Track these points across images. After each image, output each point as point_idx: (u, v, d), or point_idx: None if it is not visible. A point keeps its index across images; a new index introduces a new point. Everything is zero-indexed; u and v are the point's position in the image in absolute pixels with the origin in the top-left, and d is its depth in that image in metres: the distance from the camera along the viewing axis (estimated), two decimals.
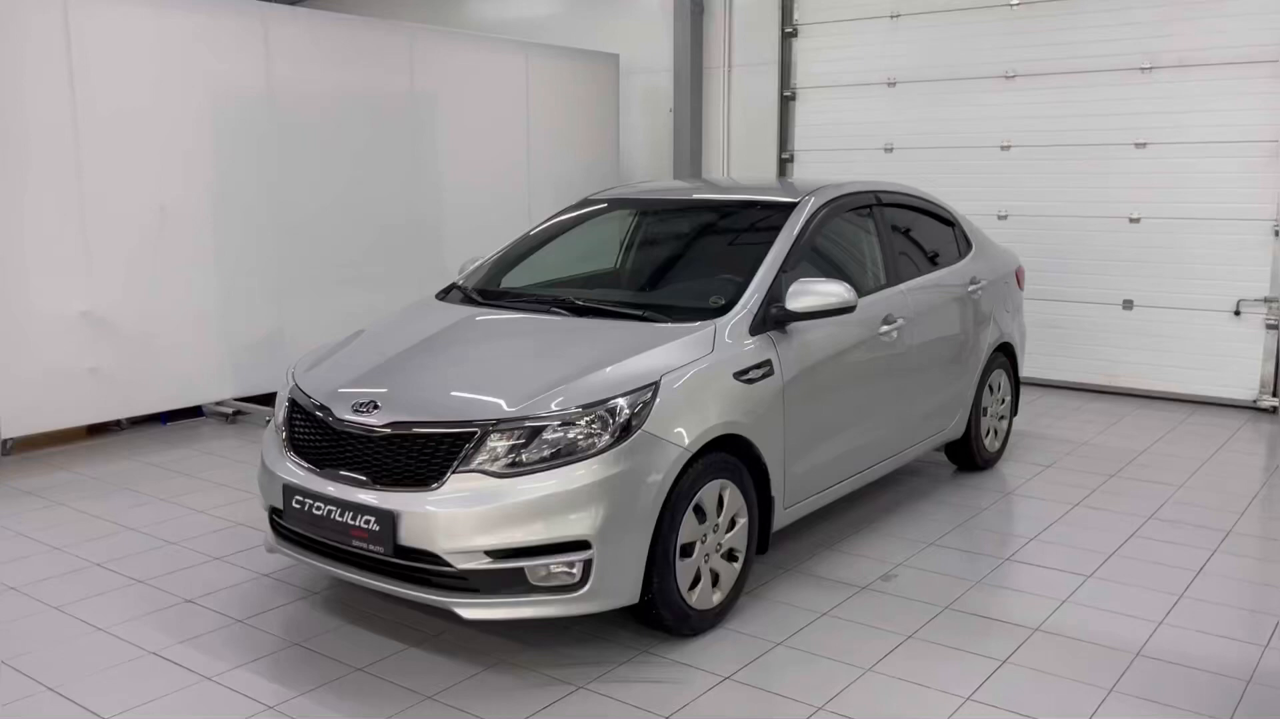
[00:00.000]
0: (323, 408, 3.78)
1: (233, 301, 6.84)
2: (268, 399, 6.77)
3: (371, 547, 3.48)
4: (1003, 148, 8.19)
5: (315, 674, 3.51)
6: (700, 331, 3.95)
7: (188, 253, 6.58)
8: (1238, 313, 7.39)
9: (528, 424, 3.47)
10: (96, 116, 6.06)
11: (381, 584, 3.56)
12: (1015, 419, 6.38)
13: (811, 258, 4.60)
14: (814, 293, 4.14)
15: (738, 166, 9.65)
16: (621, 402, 3.54)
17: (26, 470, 5.79)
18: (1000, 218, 8.22)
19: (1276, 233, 7.19)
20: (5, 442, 6.05)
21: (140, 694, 3.36)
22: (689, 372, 3.74)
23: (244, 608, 4.02)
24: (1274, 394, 7.33)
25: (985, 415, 5.78)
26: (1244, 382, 7.43)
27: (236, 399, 7.02)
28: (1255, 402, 7.39)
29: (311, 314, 7.19)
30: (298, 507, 3.67)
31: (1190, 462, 6.10)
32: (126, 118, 6.21)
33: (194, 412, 7.03)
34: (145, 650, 3.67)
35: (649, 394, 3.58)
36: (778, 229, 4.52)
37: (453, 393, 3.73)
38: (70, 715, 3.23)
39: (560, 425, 3.47)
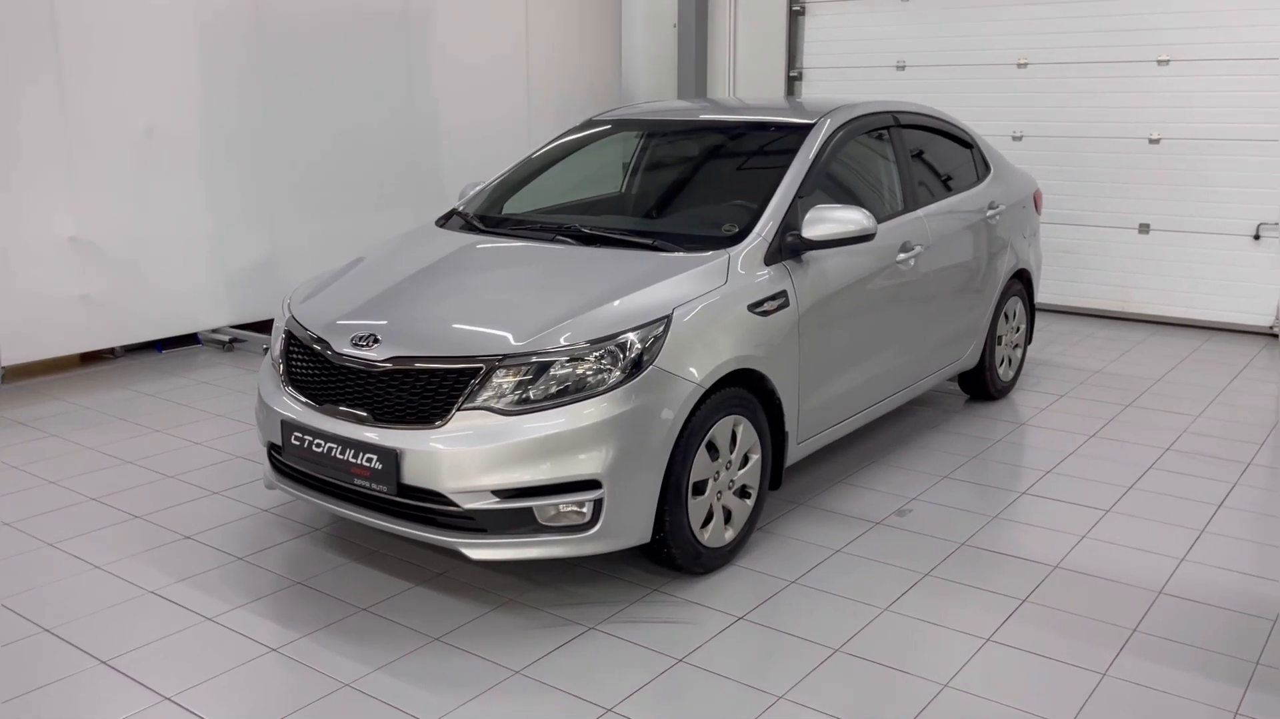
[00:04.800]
0: (320, 341, 3.63)
1: (224, 226, 6.64)
2: (264, 326, 6.63)
3: (374, 485, 3.36)
4: (1019, 65, 7.92)
5: (318, 614, 3.42)
6: (713, 262, 3.79)
7: (177, 176, 6.36)
8: (1257, 237, 7.21)
9: (535, 360, 3.32)
10: (79, 35, 5.79)
11: (385, 523, 3.45)
12: (1029, 347, 6.24)
13: (827, 183, 4.42)
14: (832, 220, 3.97)
15: (744, 86, 9.35)
16: (632, 336, 3.39)
17: (20, 400, 5.66)
18: (1015, 138, 7.99)
19: None
20: None
21: (139, 636, 3.27)
22: (702, 304, 3.59)
23: (244, 545, 3.93)
24: None
25: (1000, 344, 5.64)
26: (1261, 307, 7.28)
27: (232, 326, 6.86)
28: (1272, 328, 7.25)
29: (306, 239, 7.00)
30: (297, 443, 3.54)
31: (1207, 390, 5.98)
32: (110, 37, 5.94)
33: (190, 339, 6.88)
34: (144, 589, 3.57)
35: (660, 328, 3.43)
36: (793, 152, 4.32)
37: (456, 326, 3.57)
38: (67, 657, 3.15)
39: (569, 361, 3.33)
